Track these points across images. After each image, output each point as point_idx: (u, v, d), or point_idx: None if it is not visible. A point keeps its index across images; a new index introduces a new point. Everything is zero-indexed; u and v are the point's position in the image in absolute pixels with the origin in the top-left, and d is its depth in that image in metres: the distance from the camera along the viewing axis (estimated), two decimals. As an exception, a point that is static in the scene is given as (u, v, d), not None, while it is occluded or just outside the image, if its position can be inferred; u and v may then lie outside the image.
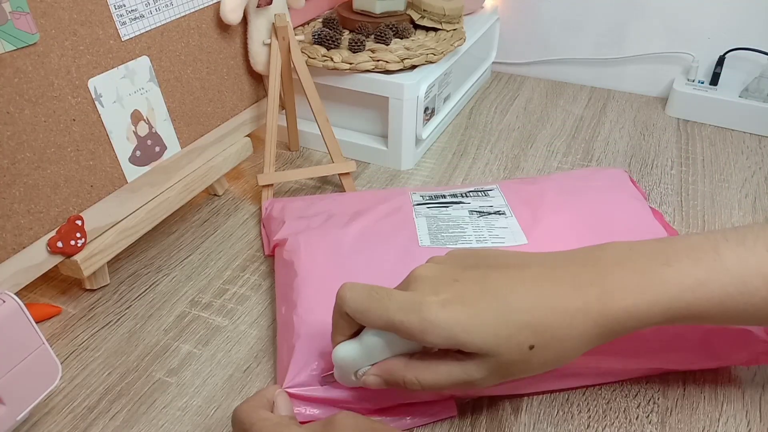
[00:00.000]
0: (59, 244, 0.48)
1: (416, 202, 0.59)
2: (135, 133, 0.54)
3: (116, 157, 0.53)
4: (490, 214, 0.57)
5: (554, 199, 0.58)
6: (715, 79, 0.84)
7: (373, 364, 0.38)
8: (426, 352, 0.38)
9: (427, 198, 0.60)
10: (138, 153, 0.54)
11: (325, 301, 0.47)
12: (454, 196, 0.60)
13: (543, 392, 0.45)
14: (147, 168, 0.56)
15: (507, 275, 0.37)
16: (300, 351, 0.43)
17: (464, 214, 0.57)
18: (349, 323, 0.38)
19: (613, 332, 0.36)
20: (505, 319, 0.35)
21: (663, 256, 0.37)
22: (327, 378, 0.42)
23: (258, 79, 0.68)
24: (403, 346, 0.38)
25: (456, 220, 0.56)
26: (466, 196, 0.60)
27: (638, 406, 0.45)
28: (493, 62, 0.97)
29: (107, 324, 0.52)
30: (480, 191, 0.61)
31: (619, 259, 0.37)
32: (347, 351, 0.39)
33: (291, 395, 0.41)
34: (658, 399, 0.45)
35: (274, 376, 0.47)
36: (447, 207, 0.58)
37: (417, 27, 0.78)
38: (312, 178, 0.71)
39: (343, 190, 0.68)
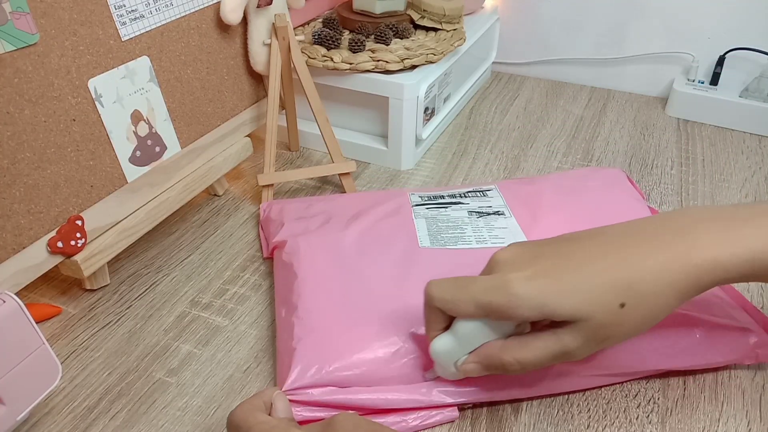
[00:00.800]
0: (59, 244, 0.48)
1: (415, 203, 0.59)
2: (135, 133, 0.54)
3: (116, 157, 0.53)
4: (489, 214, 0.57)
5: (553, 199, 0.58)
6: (715, 79, 0.84)
7: (470, 353, 0.39)
8: (519, 334, 0.39)
9: (426, 199, 0.60)
10: (138, 153, 0.54)
11: (326, 304, 0.47)
12: (453, 196, 0.60)
13: (544, 396, 0.45)
14: (147, 168, 0.56)
15: (586, 244, 0.38)
16: (300, 353, 0.43)
17: (463, 215, 0.57)
18: (441, 317, 0.39)
19: (699, 284, 0.36)
20: (592, 282, 0.36)
21: (741, 215, 0.37)
22: (429, 374, 0.43)
23: (258, 79, 0.68)
24: (496, 330, 0.38)
25: (455, 220, 0.56)
26: (465, 197, 0.60)
27: (638, 406, 0.45)
28: (493, 62, 0.97)
29: (107, 324, 0.52)
30: (479, 191, 0.61)
31: (699, 218, 0.38)
32: (443, 344, 0.40)
33: (292, 399, 0.41)
34: (658, 399, 0.45)
35: (273, 377, 0.47)
36: (446, 208, 0.58)
37: (417, 27, 0.78)
38: (312, 178, 0.71)
39: (343, 190, 0.68)
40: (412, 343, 0.44)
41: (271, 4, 0.62)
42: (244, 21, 0.62)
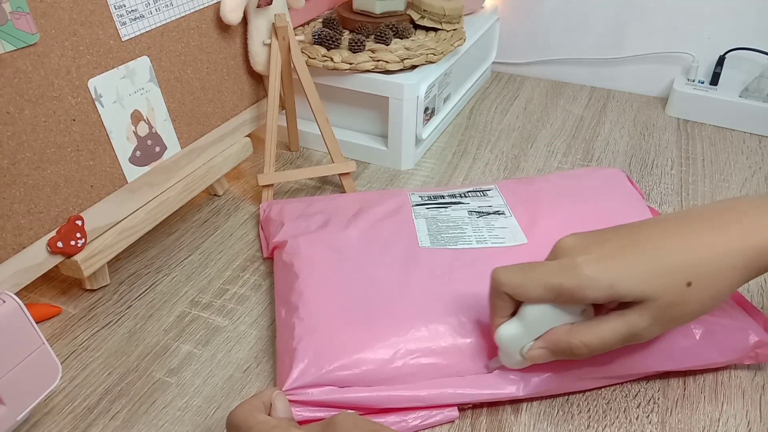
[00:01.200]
0: (59, 244, 0.48)
1: (415, 203, 0.59)
2: (135, 133, 0.54)
3: (116, 157, 0.53)
4: (489, 214, 0.57)
5: (553, 199, 0.58)
6: (715, 79, 0.84)
7: (536, 339, 0.40)
8: (586, 320, 0.39)
9: (426, 199, 0.60)
10: (138, 153, 0.54)
11: (326, 304, 0.47)
12: (453, 196, 0.60)
13: (546, 397, 0.45)
14: (147, 168, 0.56)
15: (648, 230, 0.39)
16: (301, 353, 0.43)
17: (464, 215, 0.57)
18: (508, 303, 0.40)
19: (759, 266, 0.38)
20: (658, 263, 0.37)
21: None
22: (492, 364, 0.43)
23: (258, 79, 0.68)
24: (563, 315, 0.39)
25: (455, 220, 0.56)
26: (465, 197, 0.60)
27: (638, 406, 0.45)
28: (493, 62, 0.97)
29: (107, 324, 0.52)
30: (479, 191, 0.61)
31: (753, 205, 0.39)
32: (510, 330, 0.40)
33: (292, 399, 0.41)
34: (658, 399, 0.45)
35: (273, 377, 0.47)
36: (446, 208, 0.58)
37: (417, 27, 0.78)
38: (312, 178, 0.71)
39: (343, 190, 0.68)
40: (412, 343, 0.44)
41: (271, 4, 0.62)
42: (244, 21, 0.62)
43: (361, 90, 0.71)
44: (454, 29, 0.78)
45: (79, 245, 0.50)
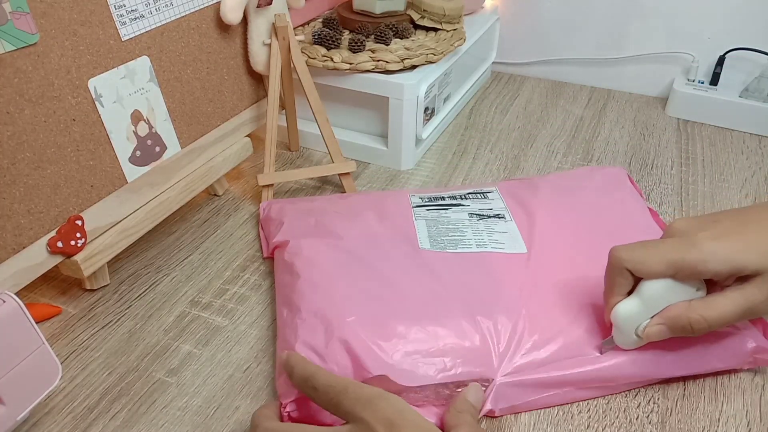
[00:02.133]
0: (59, 244, 0.48)
1: (415, 204, 0.59)
2: (135, 133, 0.54)
3: (116, 157, 0.53)
4: (489, 217, 0.57)
5: (553, 201, 0.58)
6: (715, 79, 0.84)
7: (652, 317, 0.41)
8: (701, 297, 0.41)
9: (426, 200, 0.60)
10: (138, 153, 0.54)
11: (328, 304, 0.47)
12: (453, 198, 0.60)
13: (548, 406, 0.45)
14: (147, 168, 0.56)
15: (756, 211, 0.42)
16: (302, 353, 0.43)
17: (464, 217, 0.57)
18: (627, 279, 0.42)
19: None
20: None
21: None
22: (606, 345, 0.44)
23: (258, 79, 0.68)
24: (681, 292, 0.41)
25: (455, 223, 0.56)
26: (465, 198, 0.60)
27: (638, 406, 0.45)
28: (493, 62, 0.97)
29: (107, 324, 0.52)
30: (479, 193, 0.61)
31: None
32: (629, 307, 0.41)
33: (294, 399, 0.41)
34: (658, 399, 0.45)
35: (273, 377, 0.47)
36: (446, 210, 0.58)
37: (417, 27, 0.78)
38: (312, 178, 0.71)
39: (343, 191, 0.68)
40: (412, 345, 0.44)
41: (271, 4, 0.62)
42: (244, 21, 0.62)
43: (361, 90, 0.71)
44: (454, 29, 0.78)
45: (79, 245, 0.50)
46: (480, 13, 0.91)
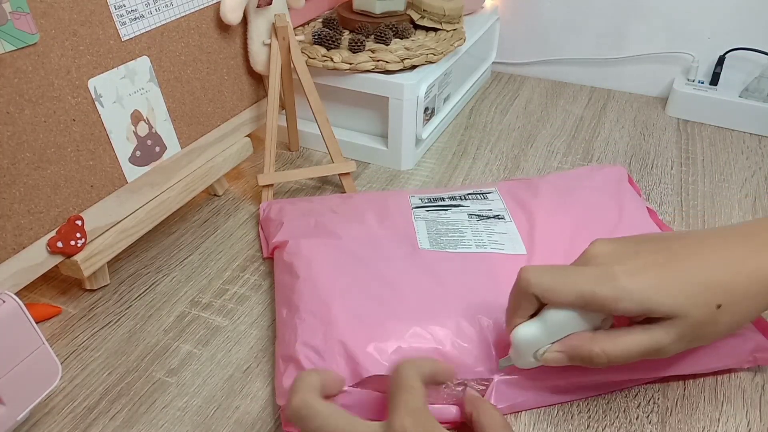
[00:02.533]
0: (59, 244, 0.48)
1: (415, 205, 0.59)
2: (135, 133, 0.54)
3: (116, 157, 0.53)
4: (489, 218, 0.57)
5: (552, 201, 0.58)
6: (715, 79, 0.84)
7: (553, 342, 0.39)
8: (608, 328, 0.39)
9: (426, 201, 0.60)
10: (138, 153, 0.54)
11: (328, 305, 0.47)
12: (453, 198, 0.60)
13: (547, 405, 0.45)
14: (147, 168, 0.56)
15: (686, 244, 0.39)
16: (302, 354, 0.43)
17: (463, 218, 0.57)
18: (532, 304, 0.39)
19: None
20: (693, 281, 0.37)
21: None
22: (504, 362, 0.42)
23: (258, 79, 0.68)
24: (586, 322, 0.39)
25: (455, 223, 0.56)
26: (465, 199, 0.60)
27: (638, 406, 0.45)
28: (493, 62, 0.97)
29: (107, 324, 0.52)
30: (479, 194, 0.61)
31: None
32: (528, 331, 0.39)
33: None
34: (658, 399, 0.45)
35: (273, 377, 0.47)
36: (446, 210, 0.58)
37: (417, 27, 0.78)
38: (312, 178, 0.71)
39: (343, 191, 0.68)
40: (412, 345, 0.44)
41: (271, 4, 0.62)
42: (244, 21, 0.62)
43: (361, 90, 0.71)
44: (454, 29, 0.78)
45: (79, 245, 0.50)
46: (480, 13, 0.91)
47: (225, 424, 0.44)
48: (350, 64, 0.69)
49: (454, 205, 0.59)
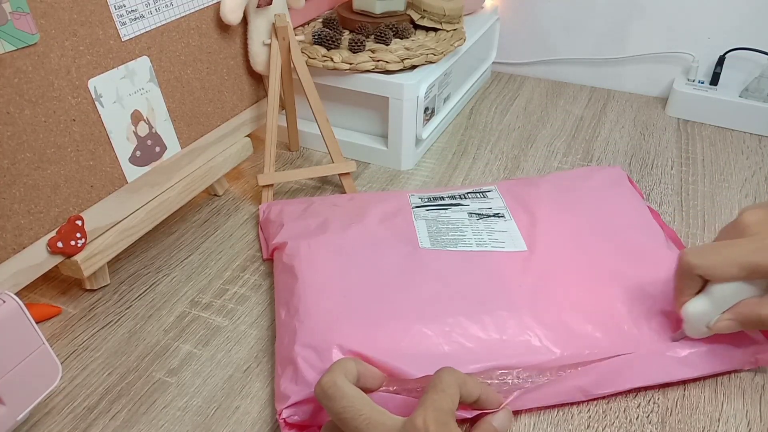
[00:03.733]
0: (59, 245, 0.48)
1: (415, 205, 0.59)
2: (135, 133, 0.54)
3: (116, 157, 0.53)
4: (489, 216, 0.57)
5: (552, 200, 0.58)
6: (715, 79, 0.84)
7: (723, 312, 0.42)
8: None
9: (426, 200, 0.60)
10: (138, 153, 0.54)
11: (327, 306, 0.47)
12: (453, 197, 0.60)
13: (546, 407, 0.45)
14: (147, 168, 0.56)
15: None
16: (301, 355, 0.43)
17: (463, 217, 0.57)
18: (696, 283, 0.42)
19: None
20: None
21: None
22: (677, 335, 0.45)
23: (258, 79, 0.68)
24: (752, 289, 0.41)
25: (455, 222, 0.56)
26: (465, 198, 0.60)
27: (638, 406, 0.44)
28: (493, 62, 0.97)
29: (107, 324, 0.52)
30: (479, 193, 0.61)
31: None
32: (697, 307, 0.42)
33: (297, 402, 0.41)
34: (658, 399, 0.45)
35: (273, 377, 0.47)
36: (446, 209, 0.58)
37: (417, 27, 0.78)
38: (312, 178, 0.71)
39: (343, 191, 0.68)
40: (413, 343, 0.44)
41: (271, 4, 0.62)
42: (244, 21, 0.62)
43: (361, 90, 0.71)
44: (454, 29, 0.78)
45: (79, 245, 0.50)
46: (480, 13, 0.91)
47: (225, 424, 0.44)
48: (350, 64, 0.69)
49: (454, 204, 0.59)
